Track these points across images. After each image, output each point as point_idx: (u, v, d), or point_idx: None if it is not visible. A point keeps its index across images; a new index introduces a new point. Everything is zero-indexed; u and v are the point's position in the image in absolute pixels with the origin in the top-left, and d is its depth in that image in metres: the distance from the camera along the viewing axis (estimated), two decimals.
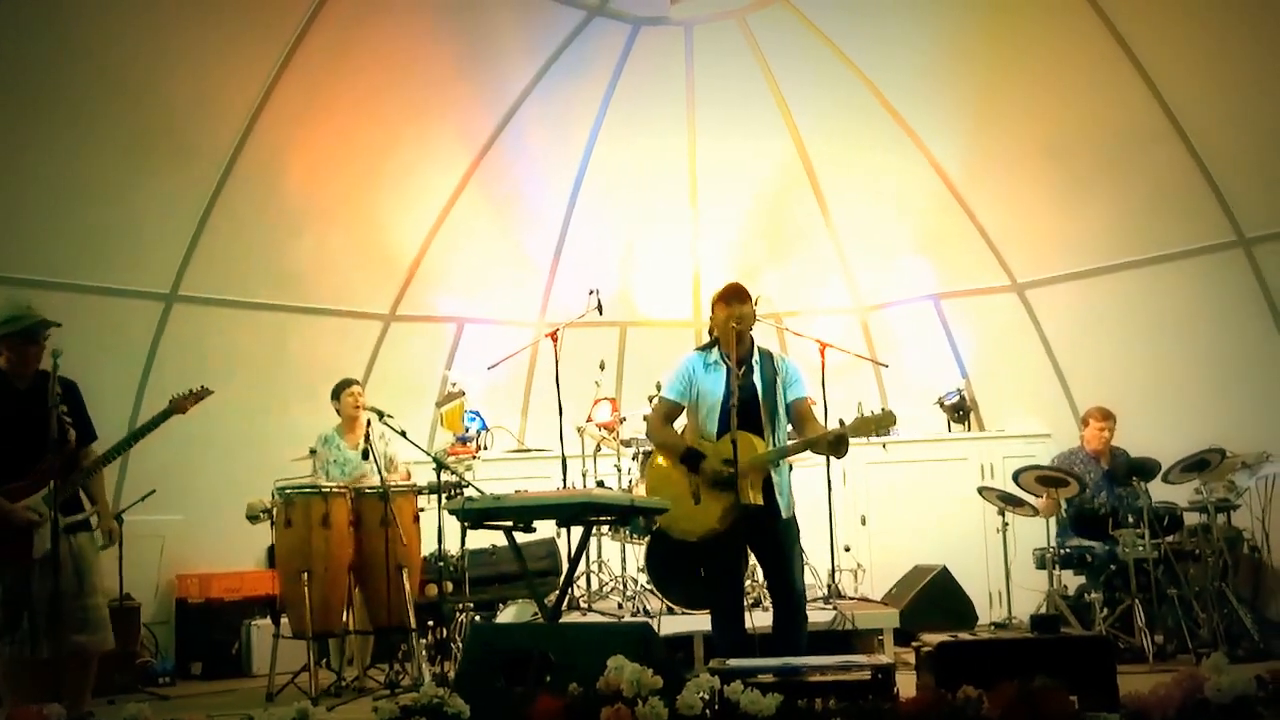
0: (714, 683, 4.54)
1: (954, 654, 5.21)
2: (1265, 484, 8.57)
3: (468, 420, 10.22)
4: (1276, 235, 8.78)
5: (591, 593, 8.51)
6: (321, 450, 8.16)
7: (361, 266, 9.93)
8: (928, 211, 10.32)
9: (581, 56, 9.68)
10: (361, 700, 6.97)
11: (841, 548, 8.75)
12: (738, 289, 6.13)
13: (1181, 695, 4.51)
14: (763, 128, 10.31)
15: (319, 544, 7.29)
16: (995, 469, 9.79)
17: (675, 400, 6.19)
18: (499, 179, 10.14)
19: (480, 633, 6.42)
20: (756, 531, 5.96)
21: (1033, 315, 10.35)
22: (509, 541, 6.18)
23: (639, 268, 11.02)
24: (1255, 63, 8.12)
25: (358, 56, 8.70)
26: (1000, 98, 9.34)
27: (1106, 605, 7.90)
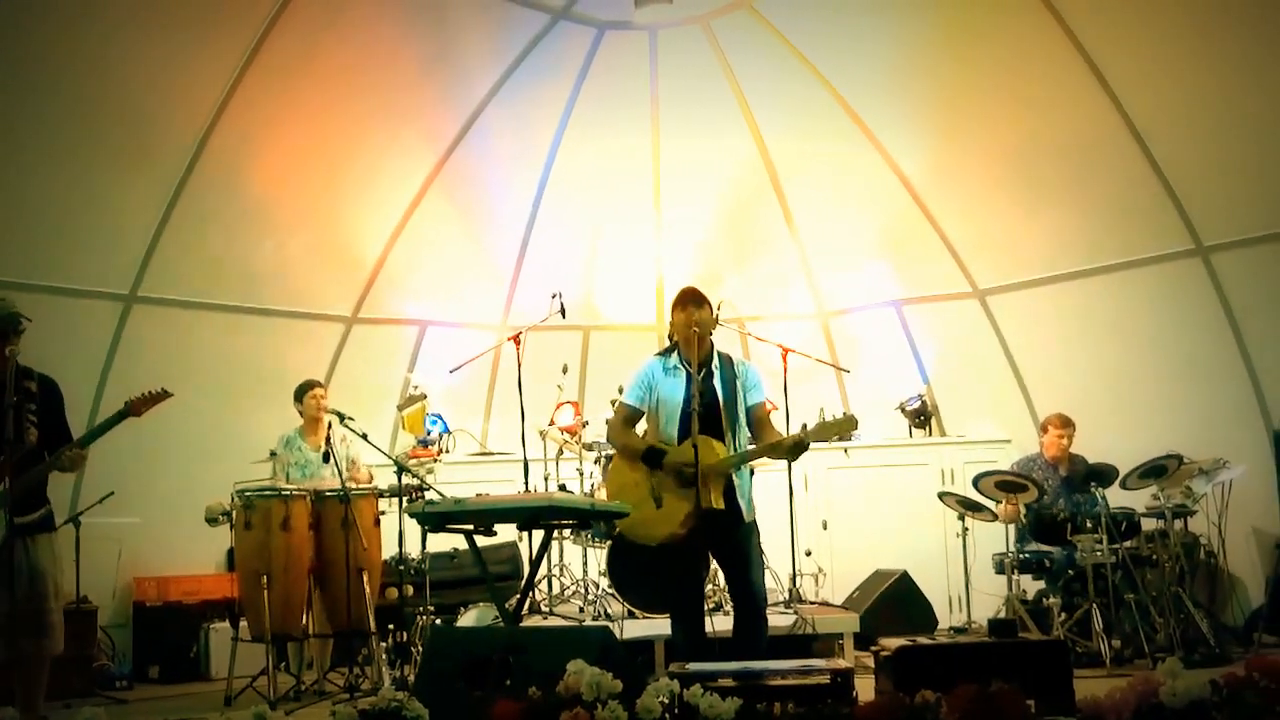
0: (673, 686, 4.55)
1: (912, 658, 5.24)
2: (1221, 490, 8.63)
3: (429, 423, 10.18)
4: (1234, 244, 8.86)
5: (553, 596, 8.49)
6: (283, 452, 8.12)
7: (324, 268, 9.89)
8: (890, 217, 10.37)
9: (546, 60, 9.68)
10: (321, 704, 6.93)
11: (802, 552, 8.78)
12: (695, 293, 6.15)
13: (1136, 700, 4.54)
14: (726, 133, 10.34)
15: (278, 547, 7.25)
16: (956, 474, 9.83)
17: (636, 405, 6.20)
18: (463, 182, 10.12)
19: (440, 636, 6.40)
20: (717, 535, 5.97)
21: (994, 322, 10.41)
22: (470, 545, 6.17)
23: (602, 271, 11.03)
24: (1213, 73, 8.21)
25: (321, 59, 8.67)
26: (962, 105, 9.40)
27: (1064, 610, 7.94)
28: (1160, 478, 8.17)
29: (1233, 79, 8.16)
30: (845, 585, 9.24)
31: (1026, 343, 10.33)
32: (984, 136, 9.48)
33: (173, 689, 8.42)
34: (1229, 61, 8.10)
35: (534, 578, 6.68)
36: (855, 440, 9.95)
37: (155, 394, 6.20)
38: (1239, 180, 8.57)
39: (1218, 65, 8.16)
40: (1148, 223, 9.12)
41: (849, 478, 10.05)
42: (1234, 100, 8.24)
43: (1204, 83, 8.29)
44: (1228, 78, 8.18)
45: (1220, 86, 8.24)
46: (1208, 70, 8.22)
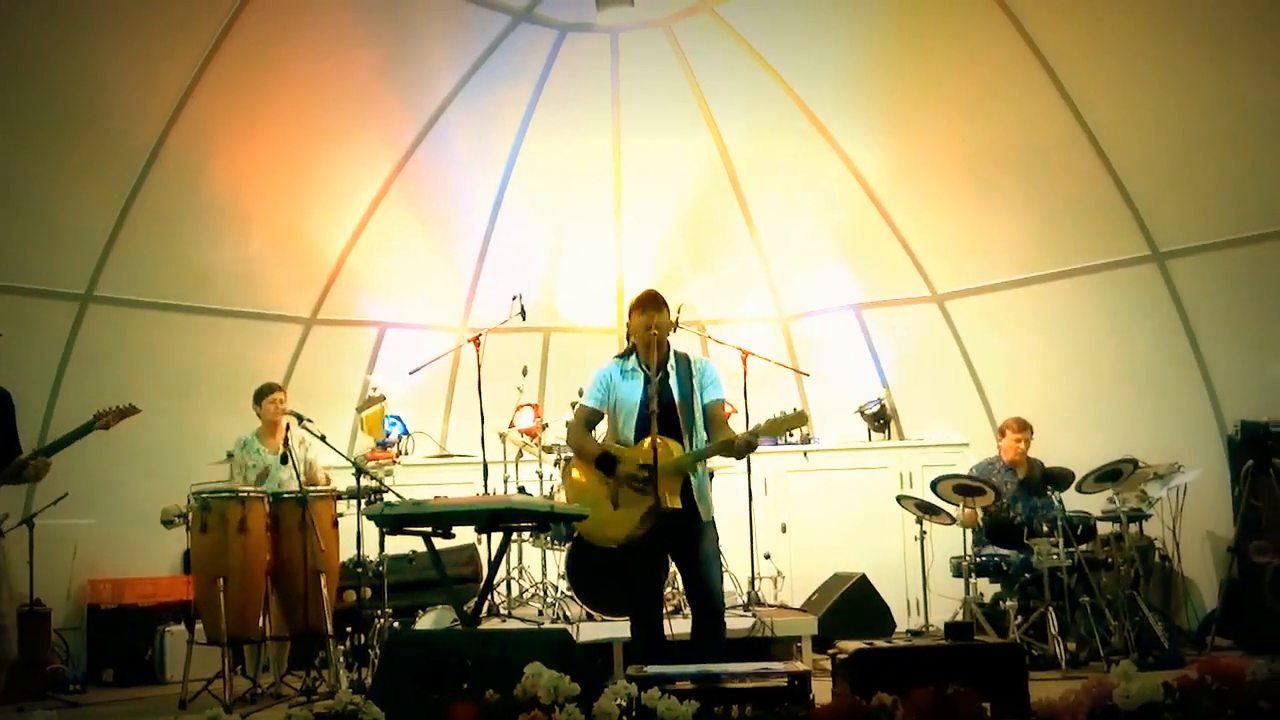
0: (631, 689, 4.54)
1: (869, 661, 5.26)
2: (1176, 494, 8.71)
3: (388, 425, 10.15)
4: (1189, 250, 8.94)
5: (511, 599, 8.48)
6: (240, 454, 8.07)
7: (283, 269, 9.83)
8: (850, 221, 10.41)
9: (507, 61, 9.66)
10: (277, 707, 6.89)
11: (761, 555, 8.81)
12: (654, 296, 6.16)
13: (1090, 702, 4.58)
14: (688, 136, 10.36)
15: (235, 549, 7.21)
16: (914, 478, 9.87)
17: (595, 406, 6.21)
18: (424, 183, 10.09)
19: (397, 639, 6.37)
20: (676, 536, 5.98)
21: (952, 326, 10.46)
22: (428, 547, 6.15)
23: (563, 273, 11.02)
24: (1169, 79, 8.28)
25: (279, 59, 8.63)
26: (921, 110, 9.45)
27: (1021, 613, 7.98)
28: (1116, 482, 8.22)
29: (1189, 85, 8.23)
30: (804, 588, 9.26)
31: (985, 347, 10.39)
32: (942, 141, 9.53)
33: (127, 692, 8.35)
34: (1185, 68, 8.17)
35: (492, 580, 6.66)
36: (814, 444, 9.99)
37: (124, 409, 6.23)
38: (1195, 187, 8.65)
39: (1174, 71, 8.23)
40: (1105, 228, 9.19)
41: (808, 481, 10.08)
42: (1190, 107, 8.32)
43: (1160, 89, 8.37)
44: (1184, 84, 8.25)
45: (1176, 93, 8.31)
46: (1164, 76, 8.30)
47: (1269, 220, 8.48)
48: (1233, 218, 8.63)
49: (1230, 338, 8.97)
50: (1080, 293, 9.61)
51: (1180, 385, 9.20)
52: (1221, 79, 8.08)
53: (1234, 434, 8.45)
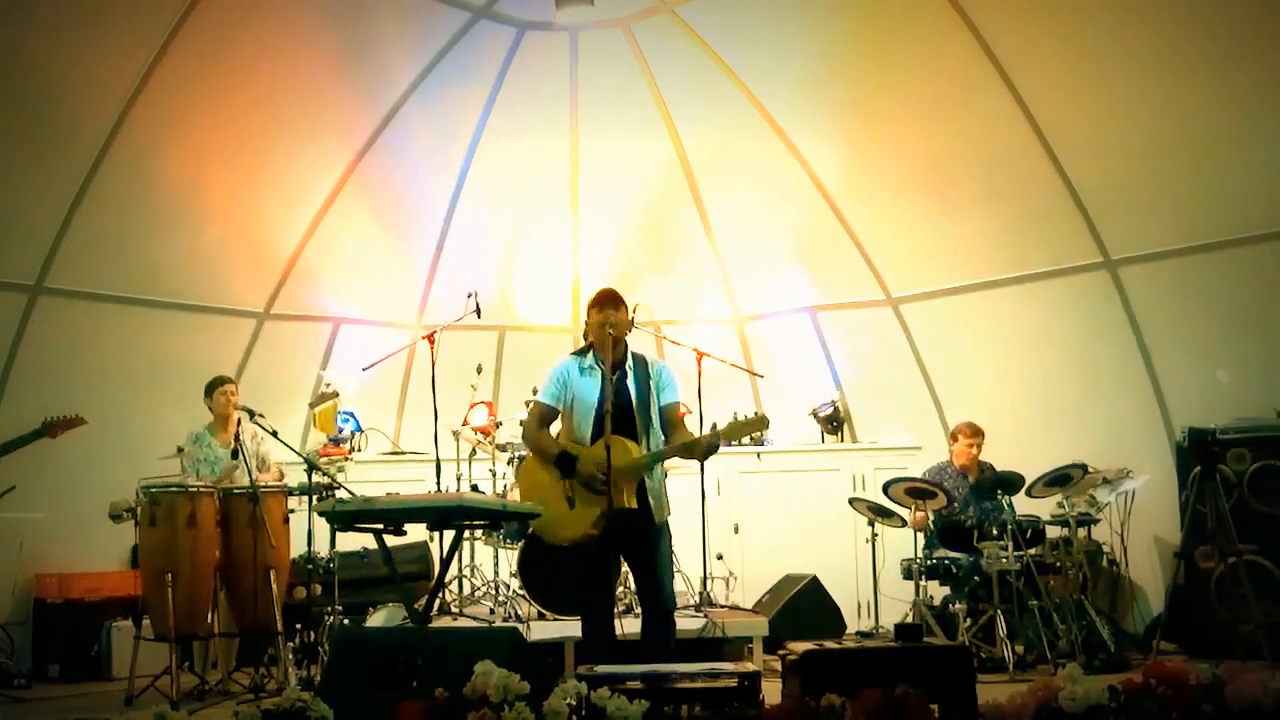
0: (581, 688, 4.55)
1: (818, 662, 5.27)
2: (1125, 499, 8.81)
3: (341, 421, 10.11)
4: (1141, 258, 9.02)
5: (463, 597, 8.46)
6: (191, 449, 8.02)
7: (236, 263, 9.74)
8: (806, 224, 10.44)
9: (465, 59, 9.63)
10: (225, 704, 6.84)
11: (714, 556, 8.82)
12: (612, 294, 6.17)
13: (1036, 705, 4.62)
14: (646, 137, 10.36)
15: (184, 544, 7.15)
16: (867, 480, 9.91)
17: (551, 404, 6.21)
18: (380, 179, 10.05)
19: (346, 636, 6.34)
20: (630, 537, 5.99)
21: (906, 330, 10.52)
22: (379, 544, 6.13)
23: (519, 272, 11.00)
24: (1123, 89, 8.35)
25: (235, 52, 8.56)
26: (878, 114, 9.49)
27: (970, 615, 8.03)
28: (1065, 486, 8.29)
29: (1142, 95, 8.31)
30: (756, 589, 9.28)
31: (938, 351, 10.44)
32: (898, 146, 9.58)
33: (73, 688, 8.24)
34: (1139, 77, 8.25)
35: (444, 578, 6.64)
36: (768, 445, 10.02)
37: (72, 419, 6.20)
38: (1147, 195, 8.72)
39: (1128, 81, 8.30)
40: (1058, 235, 9.25)
41: (761, 482, 10.11)
42: (1143, 116, 8.39)
43: (1114, 98, 8.44)
44: (1138, 94, 8.32)
45: (1130, 102, 8.39)
46: (1118, 86, 8.37)
47: (1218, 229, 8.56)
48: (1183, 226, 8.71)
49: (1179, 345, 9.05)
50: (1033, 298, 9.67)
51: (1130, 391, 9.28)
52: (1174, 89, 8.16)
53: (1182, 440, 8.53)
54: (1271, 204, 8.28)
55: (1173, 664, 5.07)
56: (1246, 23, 7.64)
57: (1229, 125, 8.15)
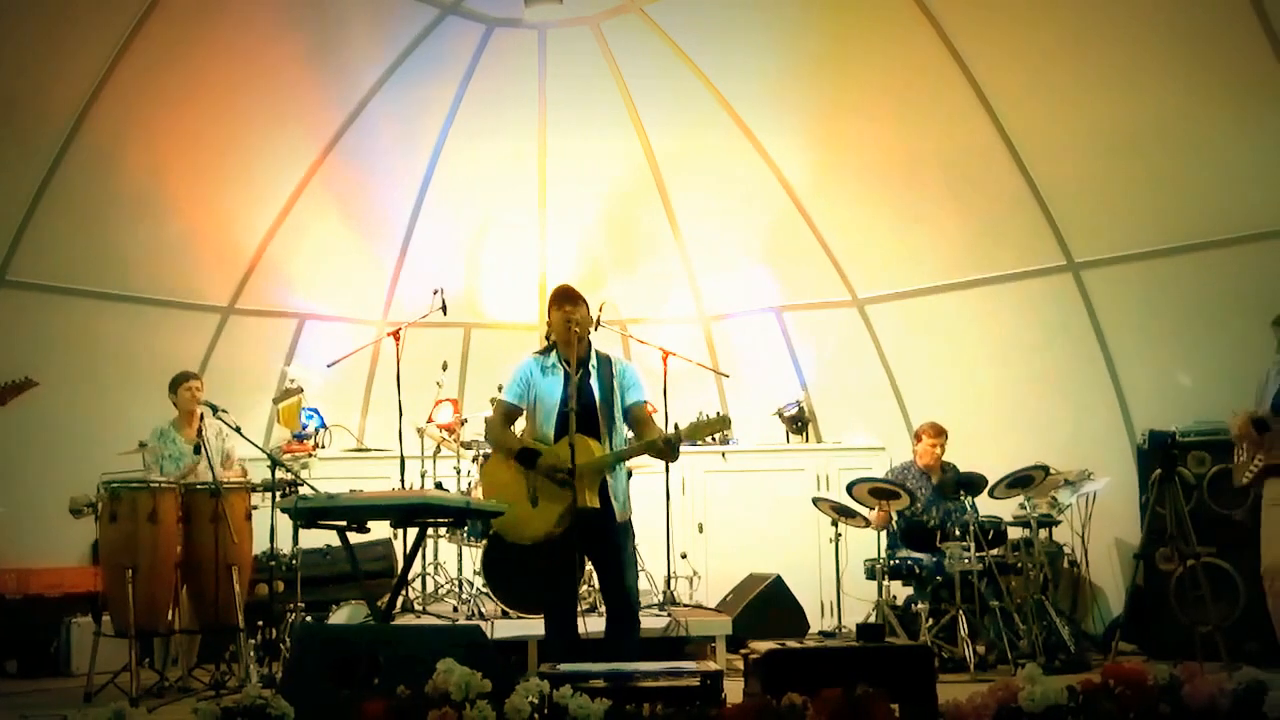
0: (543, 687, 4.55)
1: (781, 661, 5.29)
2: (1086, 501, 8.88)
3: (305, 418, 10.07)
4: (1103, 261, 9.08)
5: (426, 595, 8.45)
6: (154, 444, 7.97)
7: (201, 257, 9.68)
8: (773, 224, 10.46)
9: (433, 55, 9.59)
10: (184, 701, 6.80)
11: (678, 555, 8.83)
12: (571, 291, 6.17)
13: (996, 704, 4.66)
14: (613, 135, 10.35)
15: (145, 540, 7.09)
16: (831, 480, 9.94)
17: (514, 402, 6.19)
18: (346, 174, 10.01)
19: (308, 633, 6.32)
20: (592, 535, 5.98)
21: (871, 330, 10.55)
22: (342, 541, 6.11)
23: (485, 269, 10.98)
24: (1088, 94, 8.40)
25: (201, 45, 8.50)
26: (846, 117, 9.52)
27: (932, 615, 8.07)
28: (1027, 488, 8.34)
29: (1106, 100, 8.36)
30: (719, 588, 9.29)
31: (903, 352, 10.49)
32: (865, 147, 9.61)
33: (31, 684, 8.19)
34: (1103, 83, 8.30)
35: (406, 576, 6.63)
36: (733, 444, 10.04)
37: (20, 383, 6.05)
38: (1109, 199, 8.79)
39: (1092, 86, 8.36)
40: (1022, 238, 9.31)
41: (726, 482, 10.12)
42: (1106, 121, 8.45)
43: (1079, 103, 8.49)
44: (1101, 99, 8.37)
45: (1094, 107, 8.44)
46: (1082, 91, 8.42)
47: (1180, 234, 8.63)
48: (1145, 231, 8.78)
49: (1141, 348, 9.13)
50: (997, 300, 9.73)
51: (1092, 394, 9.35)
52: (1138, 95, 8.22)
53: (1142, 443, 8.60)
54: (1232, 209, 8.35)
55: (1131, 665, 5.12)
56: (1210, 28, 7.70)
57: (1191, 131, 8.21)
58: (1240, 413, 6.91)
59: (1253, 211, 8.28)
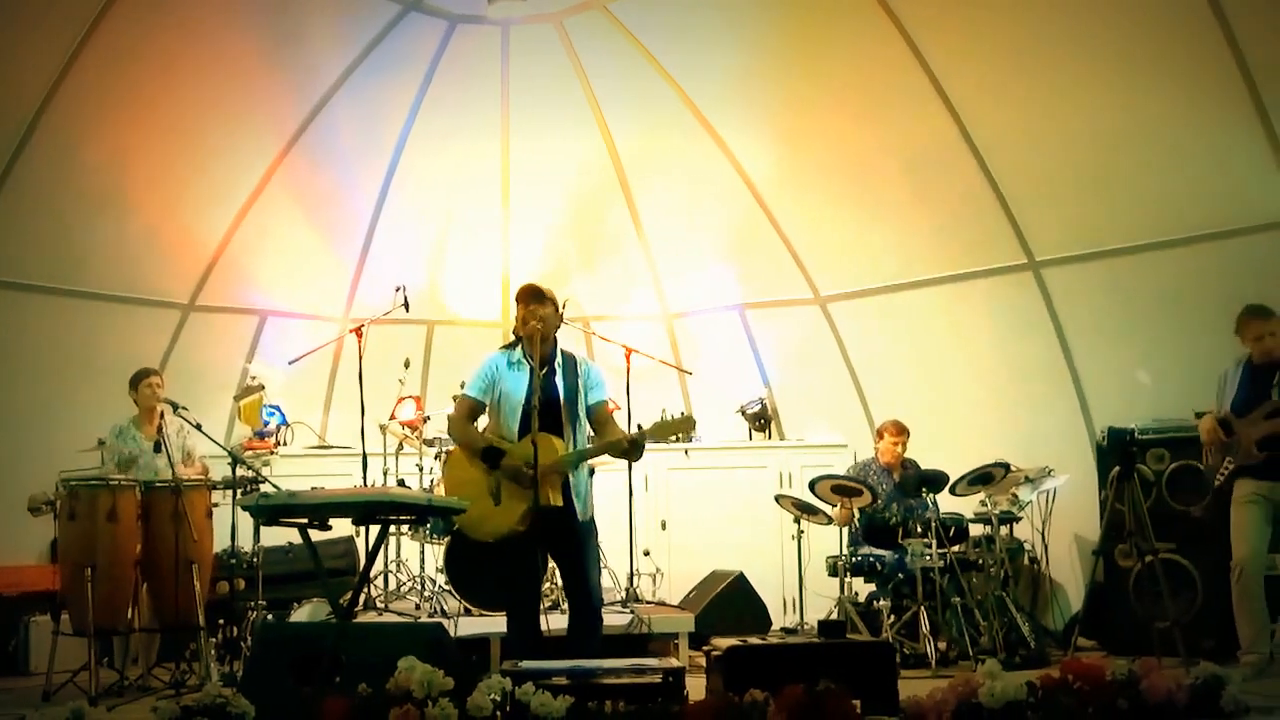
0: (505, 684, 4.55)
1: (742, 658, 5.32)
2: (1046, 498, 8.94)
3: (266, 415, 10.02)
4: (1064, 260, 9.14)
5: (389, 592, 8.43)
6: (114, 442, 7.91)
7: (161, 254, 9.60)
8: (736, 222, 10.48)
9: (396, 51, 9.54)
10: (144, 700, 6.75)
11: (641, 552, 8.84)
12: (534, 289, 6.17)
13: (956, 700, 4.70)
14: (577, 132, 10.34)
15: (104, 538, 7.05)
16: (793, 477, 9.97)
17: (477, 399, 6.20)
18: (308, 170, 9.94)
19: (269, 631, 6.29)
20: (555, 533, 5.99)
21: (834, 328, 10.59)
22: (303, 539, 6.08)
23: (448, 266, 10.94)
24: (1048, 94, 8.45)
25: (160, 39, 8.44)
26: (808, 114, 9.54)
27: (894, 612, 8.11)
28: (988, 485, 8.39)
29: (1067, 100, 8.41)
30: (682, 585, 9.31)
31: (865, 349, 10.53)
32: (829, 145, 9.64)
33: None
34: (1064, 83, 8.35)
35: (368, 573, 6.61)
36: (696, 442, 10.04)
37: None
38: (1069, 198, 8.84)
39: (1053, 86, 8.41)
40: (984, 236, 9.36)
41: (689, 479, 10.12)
42: (1066, 121, 8.50)
43: (1039, 103, 8.54)
44: (1062, 99, 8.42)
45: (1055, 107, 8.49)
46: (1043, 91, 8.47)
47: (1139, 233, 8.69)
48: (1104, 229, 8.84)
49: (1100, 346, 9.19)
50: (959, 298, 9.78)
51: (1052, 392, 9.40)
52: (1097, 96, 8.28)
53: (1101, 440, 8.66)
54: (1189, 209, 8.42)
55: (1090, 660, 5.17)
56: (1169, 28, 7.75)
57: (1150, 132, 8.26)
58: (1207, 417, 7.05)
59: (1209, 211, 8.36)
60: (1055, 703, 4.79)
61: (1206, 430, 7.04)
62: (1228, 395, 7.05)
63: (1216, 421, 6.98)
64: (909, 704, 4.84)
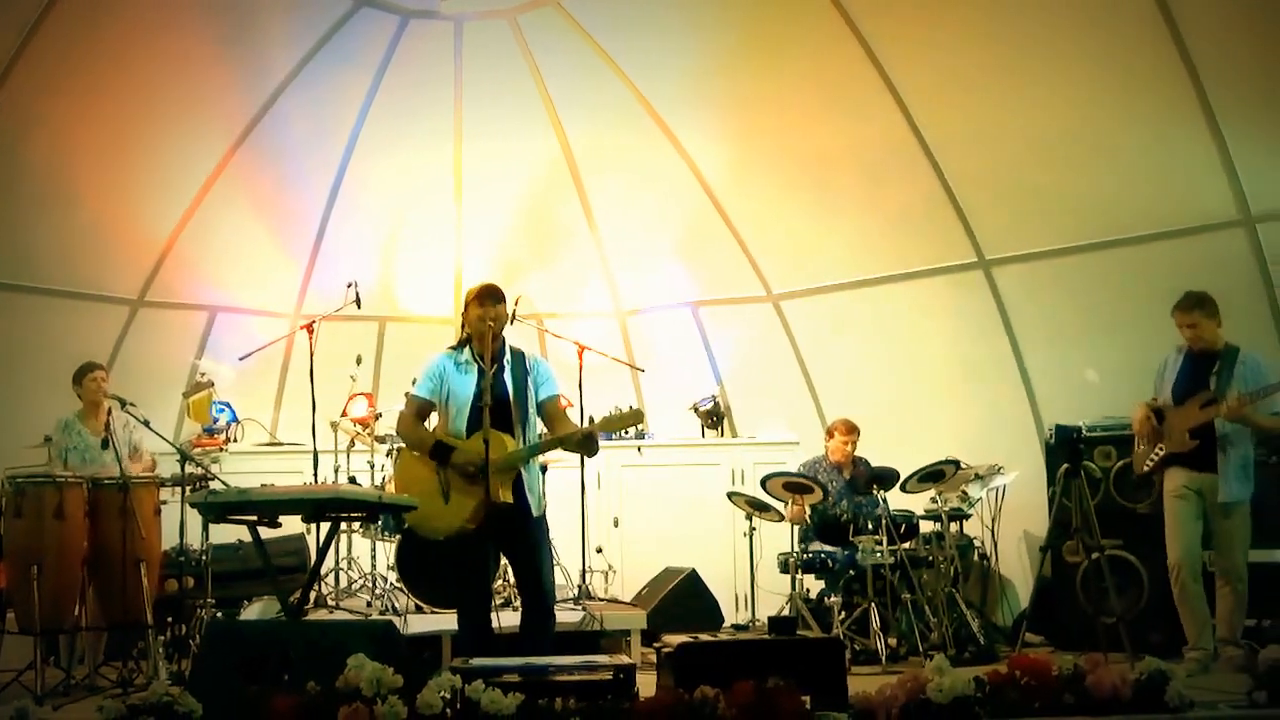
0: (455, 681, 4.54)
1: (693, 654, 5.32)
2: (995, 495, 9.00)
3: (216, 411, 9.94)
4: (1014, 258, 9.23)
5: (339, 590, 8.39)
6: (59, 437, 7.82)
7: (109, 249, 9.51)
8: (689, 220, 10.50)
9: (348, 46, 9.48)
10: (91, 699, 6.68)
11: (593, 549, 8.85)
12: (493, 289, 6.16)
13: (905, 696, 4.73)
14: (530, 129, 10.31)
15: (51, 535, 6.95)
16: (746, 474, 9.98)
17: (427, 397, 6.19)
18: (259, 165, 9.86)
19: (217, 629, 6.25)
20: (506, 530, 5.98)
21: (786, 326, 10.63)
22: (252, 536, 6.05)
23: (401, 263, 10.89)
24: (999, 95, 8.51)
25: (110, 30, 8.35)
26: (761, 113, 9.56)
27: (845, 608, 8.14)
28: (938, 482, 8.44)
29: (1017, 102, 8.48)
30: (635, 582, 9.32)
31: (817, 347, 10.57)
32: (781, 144, 9.67)
33: None
34: (1014, 84, 8.42)
35: (319, 570, 6.58)
36: (648, 439, 10.06)
37: None
38: (1020, 198, 8.92)
39: (1004, 88, 8.47)
40: (935, 235, 9.42)
41: (641, 476, 10.12)
42: (1017, 121, 8.57)
43: (990, 104, 8.60)
44: (1013, 101, 8.49)
45: (1005, 109, 8.56)
46: (994, 91, 8.53)
47: (1088, 232, 8.79)
48: (1054, 229, 8.93)
49: (1049, 344, 9.28)
50: (910, 296, 9.84)
51: (1002, 389, 9.48)
52: (1048, 97, 8.35)
53: (1049, 438, 8.73)
54: (1139, 208, 8.52)
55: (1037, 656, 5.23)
56: (1119, 34, 7.83)
57: (1098, 133, 8.36)
58: (1140, 404, 7.12)
59: (1156, 211, 8.48)
60: (1003, 698, 4.84)
61: (1139, 419, 7.11)
62: (1167, 382, 7.13)
63: (1149, 409, 7.07)
64: (858, 700, 4.87)
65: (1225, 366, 6.91)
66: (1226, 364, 6.92)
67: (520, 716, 4.50)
